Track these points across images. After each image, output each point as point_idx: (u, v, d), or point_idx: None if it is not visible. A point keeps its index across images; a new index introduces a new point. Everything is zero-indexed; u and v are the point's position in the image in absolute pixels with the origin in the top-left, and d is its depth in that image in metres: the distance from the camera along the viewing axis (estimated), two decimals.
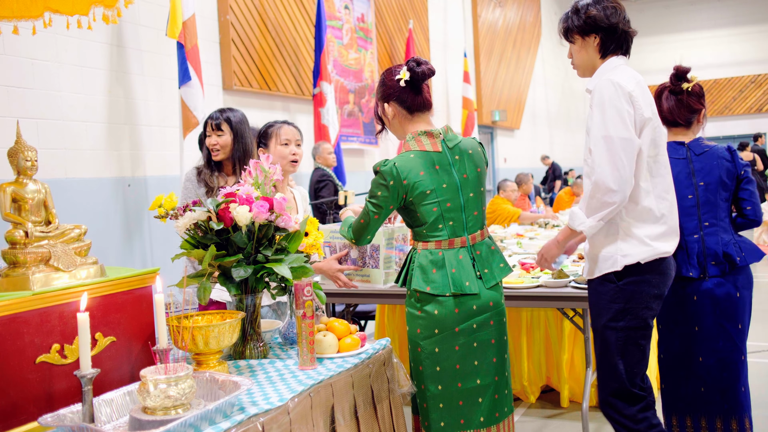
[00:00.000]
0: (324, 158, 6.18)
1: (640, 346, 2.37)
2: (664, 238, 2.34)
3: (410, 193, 2.30)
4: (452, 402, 2.34)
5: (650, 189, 2.33)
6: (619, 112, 2.25)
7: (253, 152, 2.99)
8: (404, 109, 2.41)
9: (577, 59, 2.47)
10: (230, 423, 1.58)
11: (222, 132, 2.95)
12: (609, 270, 2.32)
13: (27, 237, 1.74)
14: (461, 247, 2.36)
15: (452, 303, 2.31)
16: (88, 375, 1.50)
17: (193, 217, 2.05)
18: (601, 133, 2.26)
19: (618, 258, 2.31)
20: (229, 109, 3.04)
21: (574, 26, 2.42)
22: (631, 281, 2.31)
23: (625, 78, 2.31)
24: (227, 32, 5.93)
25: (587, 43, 2.42)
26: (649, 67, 20.47)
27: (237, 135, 2.96)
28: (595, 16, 2.38)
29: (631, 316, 2.33)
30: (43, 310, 1.64)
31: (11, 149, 1.80)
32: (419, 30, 9.82)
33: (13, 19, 2.21)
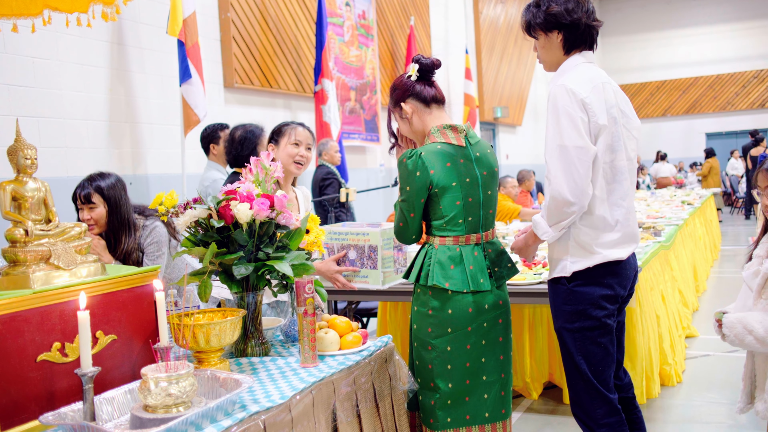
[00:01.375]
0: (330, 156, 6.17)
1: (600, 345, 2.37)
2: (619, 245, 2.34)
3: (436, 183, 2.28)
4: (460, 398, 2.35)
5: (605, 197, 2.31)
6: (573, 120, 2.22)
7: (131, 220, 2.79)
8: (421, 102, 2.41)
9: (542, 55, 2.44)
10: (232, 421, 1.57)
11: (94, 204, 2.72)
12: (559, 275, 2.37)
13: (27, 235, 1.74)
14: (476, 244, 2.35)
15: (469, 300, 2.31)
16: (89, 373, 1.50)
17: (193, 215, 2.04)
18: (555, 143, 2.25)
19: (567, 264, 2.35)
20: (99, 175, 2.77)
21: (536, 23, 2.39)
22: (581, 283, 2.34)
23: (580, 82, 2.26)
24: (228, 30, 5.92)
25: (550, 39, 2.38)
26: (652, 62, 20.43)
27: (111, 204, 2.73)
28: (556, 13, 2.33)
29: (585, 317, 2.35)
30: (43, 308, 1.64)
31: (11, 147, 1.79)
32: (420, 27, 9.80)
33: (12, 17, 2.21)
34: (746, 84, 19.33)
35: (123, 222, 2.78)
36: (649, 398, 3.92)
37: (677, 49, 20.10)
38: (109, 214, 2.75)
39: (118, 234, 2.77)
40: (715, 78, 19.68)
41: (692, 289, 6.24)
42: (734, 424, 3.56)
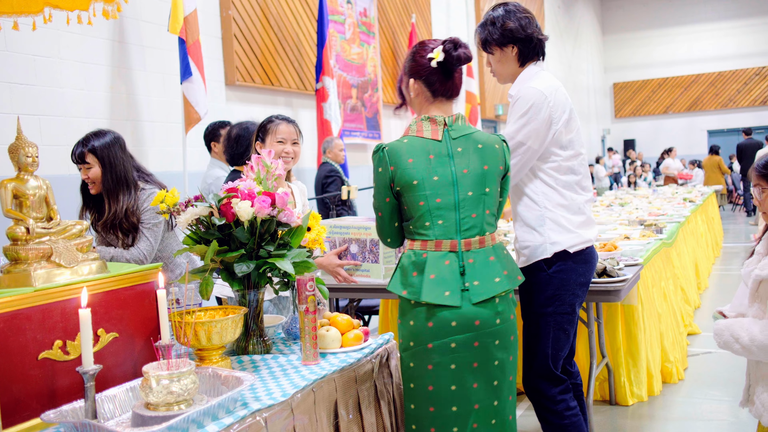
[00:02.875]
0: (335, 154, 6.18)
1: (565, 332, 2.51)
2: (586, 226, 2.52)
3: (397, 180, 2.11)
4: (424, 426, 2.11)
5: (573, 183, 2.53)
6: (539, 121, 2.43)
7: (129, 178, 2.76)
8: (428, 91, 2.19)
9: (498, 68, 2.62)
10: (233, 418, 1.57)
11: (89, 164, 2.71)
12: (540, 257, 2.47)
13: (28, 233, 1.74)
14: (450, 251, 2.09)
15: (424, 313, 2.07)
16: (91, 371, 1.50)
17: (194, 213, 2.04)
18: (516, 139, 2.45)
19: (547, 246, 2.46)
20: (94, 134, 2.76)
21: (492, 39, 2.55)
22: (560, 269, 2.46)
23: (544, 86, 2.47)
24: (229, 28, 5.92)
25: (506, 54, 2.57)
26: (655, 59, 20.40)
27: (105, 164, 2.70)
28: (512, 29, 2.51)
29: (560, 302, 2.47)
30: (45, 306, 1.64)
31: (12, 145, 1.79)
32: (422, 24, 9.79)
33: (12, 15, 2.20)
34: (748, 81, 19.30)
35: (120, 180, 2.72)
36: (651, 395, 3.92)
37: (679, 46, 20.08)
38: (103, 174, 2.71)
39: (114, 193, 2.72)
40: (716, 75, 19.65)
41: (694, 287, 6.24)
42: (736, 421, 3.56)
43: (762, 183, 2.19)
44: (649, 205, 7.62)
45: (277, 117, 2.84)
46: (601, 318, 3.69)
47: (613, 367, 3.89)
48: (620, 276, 3.24)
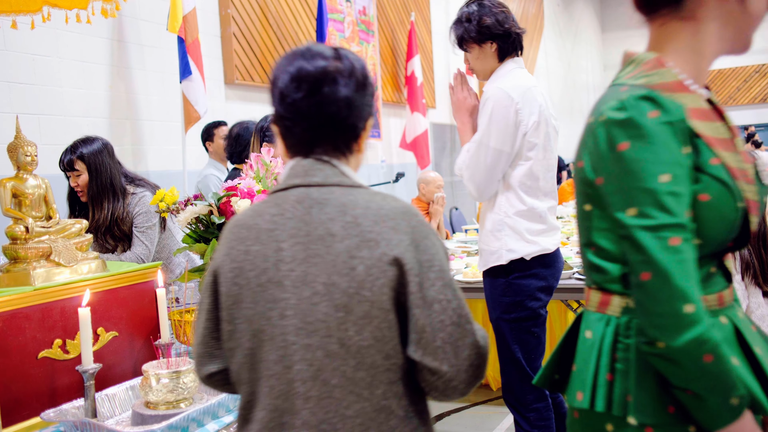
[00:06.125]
0: None
1: (533, 334, 2.49)
2: (546, 234, 2.47)
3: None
4: None
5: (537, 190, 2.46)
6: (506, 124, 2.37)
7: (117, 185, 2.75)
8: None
9: (477, 66, 2.55)
10: (233, 417, 1.58)
11: (78, 171, 2.71)
12: (495, 263, 2.45)
13: (28, 232, 1.74)
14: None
15: None
16: (90, 370, 1.50)
17: (194, 212, 2.04)
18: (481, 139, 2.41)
19: (503, 253, 2.43)
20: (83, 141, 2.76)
21: (470, 36, 2.49)
22: (519, 276, 2.43)
23: (514, 86, 2.40)
24: (228, 26, 5.91)
25: (484, 50, 2.51)
26: None
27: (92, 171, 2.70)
28: (489, 25, 2.44)
29: (521, 308, 2.44)
30: (44, 305, 1.64)
31: (11, 144, 1.79)
32: (421, 23, 9.79)
33: (11, 14, 2.20)
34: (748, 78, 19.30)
35: (104, 187, 2.71)
36: None
37: None
38: (89, 180, 2.70)
39: (98, 200, 2.70)
40: (716, 73, 19.65)
41: None
42: None
43: None
44: None
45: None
46: None
47: None
48: None
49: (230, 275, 1.18)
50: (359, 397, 1.12)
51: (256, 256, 1.17)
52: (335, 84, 1.18)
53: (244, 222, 1.22)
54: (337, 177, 1.20)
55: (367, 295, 1.11)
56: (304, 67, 1.18)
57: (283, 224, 1.17)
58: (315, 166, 1.20)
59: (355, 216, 1.15)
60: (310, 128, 1.20)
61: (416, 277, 1.12)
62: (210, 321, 1.23)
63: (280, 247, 1.16)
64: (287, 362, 1.13)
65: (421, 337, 1.12)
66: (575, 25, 18.58)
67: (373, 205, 1.17)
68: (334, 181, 1.18)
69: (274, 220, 1.18)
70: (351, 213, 1.15)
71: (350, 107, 1.19)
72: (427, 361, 1.12)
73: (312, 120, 1.19)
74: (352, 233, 1.13)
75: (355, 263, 1.12)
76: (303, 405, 1.12)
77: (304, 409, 1.12)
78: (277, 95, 1.21)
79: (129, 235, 2.78)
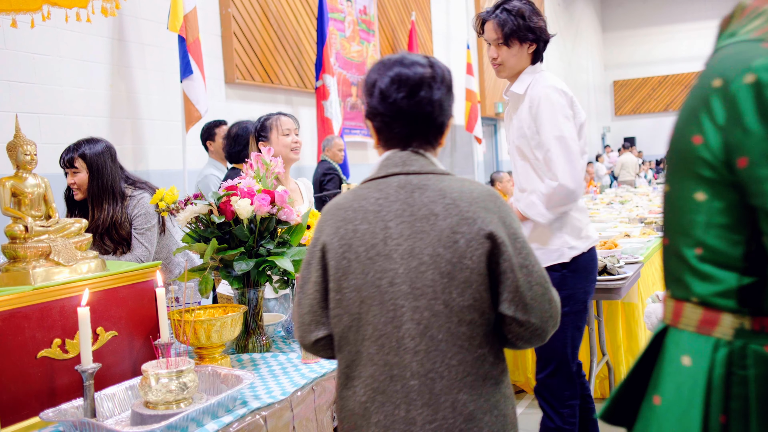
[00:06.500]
0: (333, 153, 6.21)
1: (579, 329, 2.53)
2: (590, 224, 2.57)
3: None
4: None
5: None
6: (568, 117, 2.41)
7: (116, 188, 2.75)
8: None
9: (510, 62, 2.51)
10: (232, 417, 1.57)
11: (77, 169, 2.71)
12: (557, 261, 2.46)
13: (27, 231, 1.73)
14: None
15: None
16: (90, 370, 1.50)
17: (194, 211, 2.04)
18: (554, 134, 2.39)
19: (565, 251, 2.46)
20: (86, 141, 2.76)
21: (518, 32, 2.46)
22: (575, 269, 2.46)
23: (563, 85, 2.48)
24: (229, 25, 5.91)
25: (523, 50, 2.51)
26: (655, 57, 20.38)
27: (92, 171, 2.71)
28: (541, 28, 2.48)
29: (574, 302, 2.47)
30: (43, 304, 1.63)
31: (10, 143, 1.78)
32: (422, 22, 9.78)
33: (11, 12, 2.19)
34: None
35: (105, 189, 2.71)
36: None
37: (679, 43, 20.05)
38: (89, 180, 2.70)
39: (98, 200, 2.70)
40: None
41: None
42: None
43: None
44: (650, 203, 7.61)
45: (271, 114, 2.85)
46: (601, 316, 3.69)
47: (613, 364, 3.88)
48: (621, 274, 3.24)
49: (340, 251, 1.38)
50: (461, 348, 1.34)
51: (365, 234, 1.38)
52: (430, 88, 1.41)
53: (349, 205, 1.42)
54: (431, 166, 1.43)
55: (468, 264, 1.33)
56: (404, 72, 1.41)
57: (388, 206, 1.38)
58: (412, 157, 1.43)
59: (453, 198, 1.37)
60: (407, 125, 1.42)
61: (508, 247, 1.34)
62: (318, 292, 1.42)
63: (387, 225, 1.37)
64: (397, 323, 1.34)
65: (514, 296, 1.34)
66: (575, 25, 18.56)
67: (465, 190, 1.40)
68: (429, 170, 1.42)
69: (379, 203, 1.39)
70: (450, 196, 1.38)
71: (441, 108, 1.43)
72: (519, 315, 1.35)
73: (410, 118, 1.42)
74: (453, 213, 1.36)
75: (457, 237, 1.34)
76: (412, 358, 1.33)
77: (414, 362, 1.33)
78: (378, 95, 1.42)
79: (127, 239, 2.78)
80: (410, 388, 1.33)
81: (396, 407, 1.34)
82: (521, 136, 2.49)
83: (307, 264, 1.44)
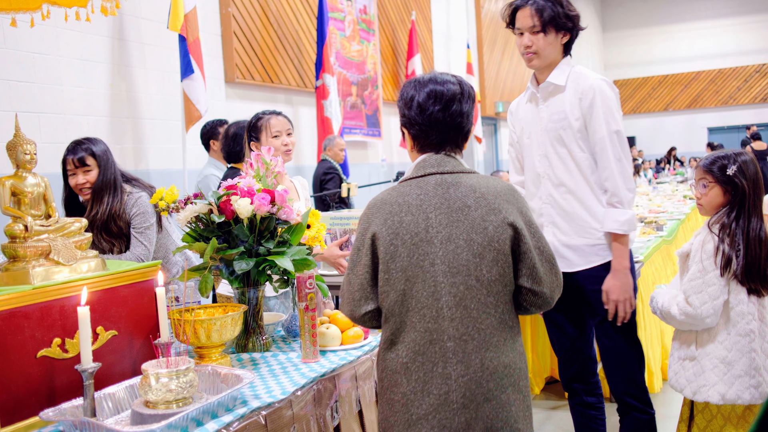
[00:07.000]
0: (335, 153, 6.21)
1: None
2: None
3: None
4: None
5: None
6: (620, 112, 2.41)
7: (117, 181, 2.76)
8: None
9: (546, 51, 2.44)
10: (233, 416, 1.57)
11: (89, 167, 2.70)
12: None
13: (27, 231, 1.73)
14: None
15: None
16: (89, 369, 1.49)
17: (194, 210, 2.04)
18: (611, 129, 2.36)
19: None
20: (87, 140, 2.77)
21: (557, 20, 2.41)
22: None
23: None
24: (229, 25, 5.90)
25: (557, 39, 2.45)
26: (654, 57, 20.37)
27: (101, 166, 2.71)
28: (578, 17, 2.45)
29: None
30: (43, 304, 1.63)
31: (10, 142, 1.78)
32: (422, 21, 9.77)
33: (10, 11, 2.19)
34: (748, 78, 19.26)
35: (108, 182, 2.72)
36: (651, 393, 3.91)
37: (679, 43, 20.04)
38: (97, 175, 2.72)
39: (99, 194, 2.71)
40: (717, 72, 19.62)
41: None
42: None
43: (707, 177, 2.40)
44: (650, 203, 7.61)
45: (264, 113, 2.82)
46: None
47: None
48: None
49: (388, 238, 1.66)
50: (488, 314, 1.63)
51: (410, 224, 1.66)
52: (460, 103, 1.72)
53: (394, 200, 1.70)
54: (461, 166, 1.73)
55: (495, 246, 1.64)
56: (438, 89, 1.72)
57: (428, 201, 1.67)
58: (445, 159, 1.73)
59: (482, 193, 1.67)
60: (441, 133, 1.73)
61: (526, 233, 1.66)
62: (368, 273, 1.68)
63: (428, 216, 1.66)
64: (437, 296, 1.62)
65: (531, 271, 1.66)
66: None
67: (490, 185, 1.70)
68: (459, 169, 1.71)
69: (420, 198, 1.68)
70: (479, 191, 1.68)
71: (468, 118, 1.75)
72: (534, 287, 1.67)
73: (444, 127, 1.72)
74: (482, 205, 1.66)
75: (486, 224, 1.64)
76: (449, 324, 1.62)
77: (450, 327, 1.62)
78: (416, 108, 1.72)
79: (125, 233, 2.77)
80: (447, 349, 1.61)
81: (434, 365, 1.61)
82: (565, 127, 2.42)
83: (357, 250, 1.71)
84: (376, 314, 1.70)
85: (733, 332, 2.30)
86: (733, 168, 2.34)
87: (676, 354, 2.45)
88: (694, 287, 2.32)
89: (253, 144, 2.77)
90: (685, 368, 2.39)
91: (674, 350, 2.47)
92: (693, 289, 2.32)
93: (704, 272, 2.32)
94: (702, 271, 2.32)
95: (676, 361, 2.44)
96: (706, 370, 2.32)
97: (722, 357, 2.29)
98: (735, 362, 2.28)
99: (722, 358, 2.29)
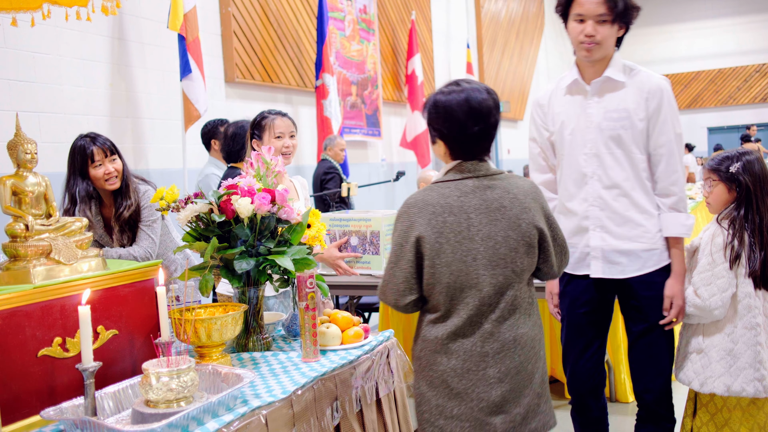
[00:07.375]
0: (335, 153, 6.22)
1: None
2: None
3: None
4: None
5: None
6: None
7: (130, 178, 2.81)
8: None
9: (607, 42, 2.33)
10: (233, 416, 1.57)
11: (116, 157, 2.75)
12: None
13: (27, 230, 1.73)
14: None
15: None
16: (90, 368, 1.50)
17: (194, 210, 2.04)
18: (676, 131, 2.33)
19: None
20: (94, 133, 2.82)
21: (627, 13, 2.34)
22: None
23: None
24: (229, 24, 5.90)
25: (614, 32, 2.35)
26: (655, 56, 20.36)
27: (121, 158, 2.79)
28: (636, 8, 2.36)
29: None
30: (44, 303, 1.63)
31: (10, 142, 1.78)
32: (422, 21, 9.77)
33: (11, 11, 2.19)
34: (748, 78, 19.27)
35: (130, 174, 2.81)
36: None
37: (679, 43, 20.04)
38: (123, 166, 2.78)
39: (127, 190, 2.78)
40: (716, 72, 19.62)
41: None
42: None
43: (713, 176, 2.46)
44: None
45: (269, 112, 2.81)
46: None
47: (613, 364, 3.88)
48: None
49: (433, 237, 1.84)
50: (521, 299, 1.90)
51: (452, 224, 1.84)
52: (495, 116, 1.92)
53: (436, 202, 1.87)
54: (492, 169, 1.93)
55: (527, 240, 1.88)
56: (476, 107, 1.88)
57: (468, 202, 1.86)
58: (479, 164, 1.92)
59: (515, 194, 1.89)
60: (477, 143, 1.90)
61: (549, 229, 1.93)
62: (411, 267, 1.86)
63: (469, 216, 1.85)
64: (479, 287, 1.84)
65: (547, 259, 1.95)
66: None
67: (519, 186, 1.92)
68: (492, 172, 1.91)
69: (461, 200, 1.86)
70: (512, 192, 1.89)
71: (497, 127, 1.94)
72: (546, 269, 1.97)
73: (479, 139, 1.90)
74: (516, 204, 1.88)
75: (520, 222, 1.87)
76: (487, 309, 1.85)
77: (488, 311, 1.85)
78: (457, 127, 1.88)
79: (132, 226, 2.79)
80: (484, 330, 1.85)
81: (473, 344, 1.84)
82: (627, 127, 2.31)
83: (400, 246, 1.88)
84: (418, 302, 1.92)
85: (739, 325, 2.34)
86: (737, 165, 2.39)
87: (683, 350, 2.49)
88: (703, 279, 2.35)
89: (255, 142, 2.77)
90: (692, 361, 2.43)
91: (681, 346, 2.51)
92: (702, 281, 2.35)
93: (713, 264, 2.35)
94: (711, 264, 2.36)
95: (683, 356, 2.48)
96: (713, 362, 2.36)
97: (729, 349, 2.34)
98: (740, 354, 2.32)
99: (728, 350, 2.34)
